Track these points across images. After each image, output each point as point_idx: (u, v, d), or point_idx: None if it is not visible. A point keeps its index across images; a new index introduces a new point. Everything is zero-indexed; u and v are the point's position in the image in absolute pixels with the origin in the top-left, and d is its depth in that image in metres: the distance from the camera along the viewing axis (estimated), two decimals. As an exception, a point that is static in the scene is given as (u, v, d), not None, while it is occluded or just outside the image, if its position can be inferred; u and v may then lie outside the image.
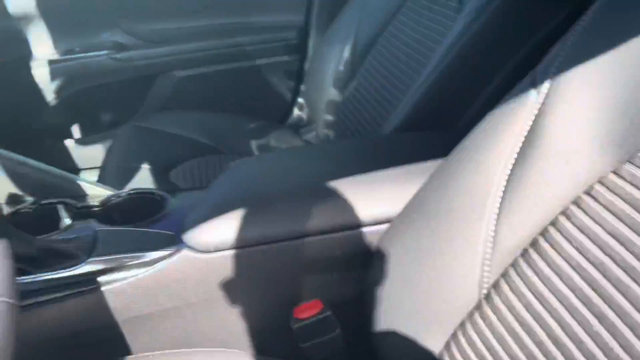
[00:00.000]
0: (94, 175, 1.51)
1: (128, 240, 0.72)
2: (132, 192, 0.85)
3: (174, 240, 0.73)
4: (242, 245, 0.69)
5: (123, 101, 1.50)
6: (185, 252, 0.70)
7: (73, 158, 1.50)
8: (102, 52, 1.38)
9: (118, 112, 1.52)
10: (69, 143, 1.48)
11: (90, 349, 0.71)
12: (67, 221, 0.81)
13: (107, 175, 1.15)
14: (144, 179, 1.14)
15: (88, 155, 1.50)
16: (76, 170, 1.51)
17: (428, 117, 0.93)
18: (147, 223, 0.77)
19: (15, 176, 0.83)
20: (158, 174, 1.17)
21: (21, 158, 0.83)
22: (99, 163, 1.51)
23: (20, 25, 1.33)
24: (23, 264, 0.66)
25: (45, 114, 1.44)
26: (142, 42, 1.42)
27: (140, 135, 1.29)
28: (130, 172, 1.15)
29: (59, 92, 1.40)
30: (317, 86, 1.42)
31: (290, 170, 0.78)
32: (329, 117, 1.37)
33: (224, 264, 0.70)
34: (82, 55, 1.39)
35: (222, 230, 0.69)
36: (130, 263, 0.69)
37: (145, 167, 1.17)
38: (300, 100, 1.59)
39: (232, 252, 0.70)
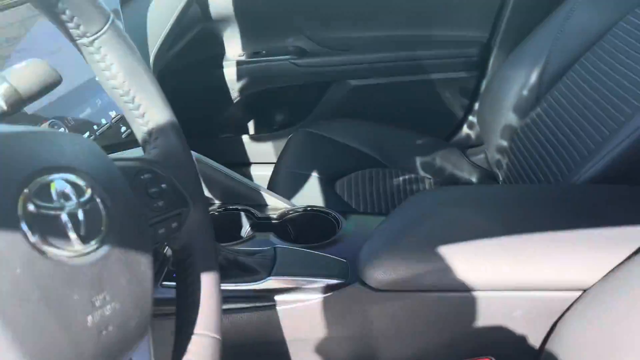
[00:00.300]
0: (262, 169, 1.59)
1: (304, 263, 0.74)
2: (308, 208, 0.87)
3: (347, 270, 0.74)
4: (416, 289, 0.67)
5: (297, 105, 1.56)
6: (357, 286, 0.70)
7: (246, 151, 1.60)
8: (285, 57, 1.44)
9: (291, 115, 1.58)
10: (244, 138, 1.58)
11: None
12: (248, 230, 0.85)
13: (279, 179, 1.21)
14: (311, 187, 1.17)
15: (259, 151, 1.59)
16: (247, 163, 1.61)
17: (631, 170, 0.82)
18: (322, 246, 0.78)
19: (206, 179, 0.89)
20: (325, 183, 1.19)
21: (213, 163, 0.89)
22: (267, 159, 1.60)
23: (218, 27, 1.44)
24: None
25: (227, 110, 1.55)
26: (323, 49, 1.46)
27: (312, 141, 1.32)
28: (300, 179, 1.18)
29: (242, 90, 1.50)
30: (493, 107, 1.34)
31: (475, 212, 0.74)
32: (503, 142, 1.29)
33: (395, 304, 0.69)
34: (267, 58, 1.46)
35: (397, 271, 0.68)
36: (305, 287, 0.71)
37: (314, 175, 1.20)
38: (471, 118, 1.52)
39: (404, 294, 0.68)
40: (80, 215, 0.32)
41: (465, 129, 1.53)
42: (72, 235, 0.31)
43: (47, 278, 0.29)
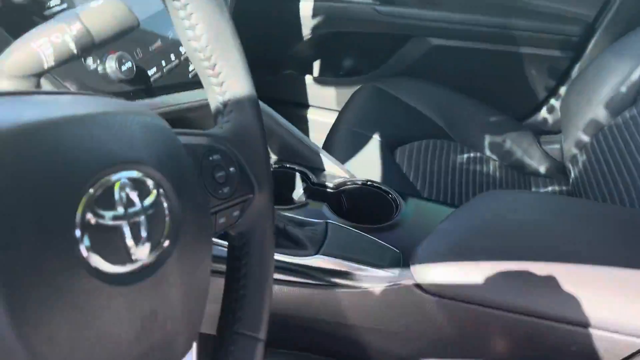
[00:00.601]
0: (320, 114, 1.53)
1: (356, 246, 0.70)
2: (368, 183, 0.82)
3: (399, 262, 0.69)
4: (473, 301, 0.63)
5: (369, 54, 1.46)
6: (409, 284, 0.65)
7: (307, 92, 1.53)
8: (367, 1, 1.34)
9: (361, 63, 1.49)
10: (307, 78, 1.51)
11: (285, 336, 0.73)
12: (301, 194, 0.81)
13: (338, 136, 1.14)
14: (370, 151, 1.11)
15: (320, 95, 1.52)
16: (305, 104, 1.55)
17: None
18: (376, 229, 0.74)
19: (267, 132, 0.84)
20: (385, 148, 1.13)
21: (277, 116, 0.84)
22: (327, 104, 1.53)
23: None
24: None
25: (296, 46, 1.47)
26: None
27: (378, 99, 1.24)
28: (360, 140, 1.12)
29: (315, 29, 1.41)
30: (582, 96, 1.22)
31: (550, 230, 0.68)
32: (584, 137, 1.18)
33: (446, 312, 0.65)
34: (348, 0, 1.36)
35: (457, 280, 0.63)
36: (353, 272, 0.67)
37: (375, 138, 1.13)
38: (552, 102, 1.40)
39: (459, 304, 0.63)
40: (143, 223, 0.28)
41: (543, 112, 1.41)
42: (130, 248, 0.27)
43: (96, 303, 0.25)
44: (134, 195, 0.28)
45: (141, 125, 0.31)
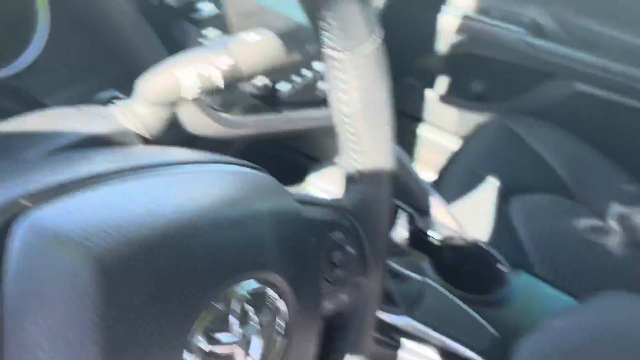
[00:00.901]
0: (435, 134, 1.45)
1: (452, 318, 0.63)
2: (479, 245, 0.75)
3: (496, 349, 0.62)
4: None
5: (504, 84, 1.35)
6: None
7: (424, 108, 1.45)
8: (518, 29, 1.22)
9: (492, 91, 1.37)
10: (429, 93, 1.43)
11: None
12: (402, 237, 0.76)
13: (454, 172, 1.06)
14: (485, 197, 1.02)
15: (439, 113, 1.43)
16: (420, 120, 1.47)
17: None
18: (478, 301, 0.67)
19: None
20: (501, 196, 1.04)
21: (401, 153, 0.78)
22: (445, 125, 1.44)
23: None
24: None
25: (425, 58, 1.39)
26: (564, 35, 1.21)
27: (505, 139, 1.14)
28: (475, 182, 1.04)
29: (453, 47, 1.32)
30: None
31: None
32: None
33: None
34: (496, 23, 1.25)
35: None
36: (442, 347, 0.61)
37: (492, 182, 1.04)
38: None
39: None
40: (253, 344, 0.24)
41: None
42: None
43: None
44: (251, 311, 0.24)
45: (273, 217, 0.27)
